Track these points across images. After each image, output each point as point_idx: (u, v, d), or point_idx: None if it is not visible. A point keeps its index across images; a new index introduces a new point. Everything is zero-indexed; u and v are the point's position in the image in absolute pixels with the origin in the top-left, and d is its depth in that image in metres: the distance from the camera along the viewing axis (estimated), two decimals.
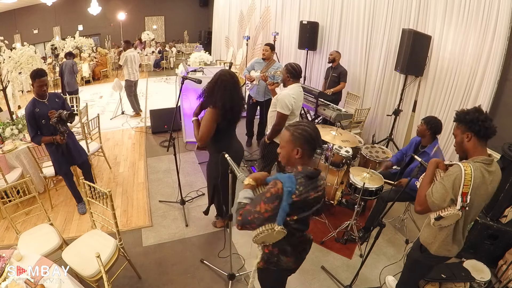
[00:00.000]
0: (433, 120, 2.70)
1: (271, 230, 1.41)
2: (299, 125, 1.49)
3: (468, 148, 1.64)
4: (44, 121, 2.77)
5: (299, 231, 1.58)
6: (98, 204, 2.34)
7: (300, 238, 1.62)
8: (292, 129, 1.47)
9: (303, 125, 1.48)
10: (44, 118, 2.76)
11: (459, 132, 1.66)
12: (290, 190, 1.37)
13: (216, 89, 2.36)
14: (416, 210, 1.72)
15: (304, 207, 1.46)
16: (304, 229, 1.62)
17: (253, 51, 7.77)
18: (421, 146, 2.83)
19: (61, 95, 3.03)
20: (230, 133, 2.61)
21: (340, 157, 3.30)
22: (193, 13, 16.26)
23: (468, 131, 1.61)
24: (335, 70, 4.74)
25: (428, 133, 2.70)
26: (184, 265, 2.71)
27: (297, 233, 1.58)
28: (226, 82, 2.36)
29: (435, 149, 2.66)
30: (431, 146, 2.70)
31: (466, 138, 1.62)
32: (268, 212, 1.39)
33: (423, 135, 2.76)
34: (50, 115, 2.70)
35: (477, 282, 2.36)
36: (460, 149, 1.69)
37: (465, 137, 1.63)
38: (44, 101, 2.79)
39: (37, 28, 13.03)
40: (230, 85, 2.37)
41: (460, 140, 1.66)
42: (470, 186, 1.50)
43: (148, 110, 5.81)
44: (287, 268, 1.66)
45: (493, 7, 3.07)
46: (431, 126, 2.67)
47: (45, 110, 2.75)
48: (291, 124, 1.52)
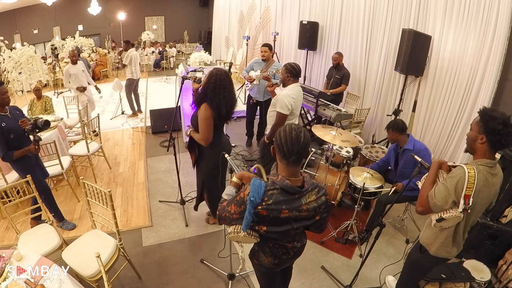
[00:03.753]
0: (394, 124, 2.80)
1: (238, 233, 1.39)
2: (283, 128, 1.37)
3: (477, 148, 1.58)
4: (13, 135, 2.52)
5: (275, 240, 1.51)
6: (98, 204, 2.34)
7: (276, 246, 1.53)
8: (276, 132, 1.38)
9: (283, 129, 1.36)
10: (12, 131, 2.52)
11: (476, 129, 1.56)
12: (253, 200, 1.28)
13: (213, 87, 2.39)
14: (418, 211, 1.70)
15: (273, 221, 1.37)
16: (283, 240, 1.51)
17: (253, 51, 7.77)
18: (399, 148, 2.88)
19: (19, 107, 2.78)
20: (221, 129, 2.67)
21: (340, 157, 3.30)
22: (193, 13, 16.26)
23: (483, 135, 1.52)
24: (338, 72, 4.73)
25: (399, 135, 2.79)
26: (184, 265, 2.71)
27: (272, 241, 1.52)
28: (222, 80, 2.40)
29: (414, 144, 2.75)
30: (409, 142, 2.77)
31: (480, 140, 1.54)
32: (236, 214, 1.38)
33: (396, 140, 2.84)
34: (23, 124, 2.53)
35: (477, 282, 2.36)
36: (470, 145, 1.62)
37: (479, 137, 1.55)
38: (6, 114, 2.55)
39: (37, 28, 13.03)
40: (225, 83, 2.41)
41: (473, 137, 1.58)
42: (473, 189, 1.48)
43: (148, 110, 5.81)
44: (267, 266, 1.63)
45: (493, 7, 3.07)
46: (397, 128, 2.77)
47: (11, 123, 2.52)
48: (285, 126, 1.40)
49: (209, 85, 2.40)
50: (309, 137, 1.36)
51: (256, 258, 1.64)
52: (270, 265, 1.61)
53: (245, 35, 7.46)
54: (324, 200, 1.44)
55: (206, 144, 2.51)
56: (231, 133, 5.19)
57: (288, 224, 1.39)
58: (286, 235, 1.49)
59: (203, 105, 2.42)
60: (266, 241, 1.52)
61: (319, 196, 1.42)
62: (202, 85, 2.50)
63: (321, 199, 1.43)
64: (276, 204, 1.32)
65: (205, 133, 2.45)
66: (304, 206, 1.37)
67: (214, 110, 2.41)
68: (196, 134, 2.53)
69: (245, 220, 1.31)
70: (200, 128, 2.46)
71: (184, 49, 15.12)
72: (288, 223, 1.39)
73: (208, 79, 2.43)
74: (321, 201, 1.43)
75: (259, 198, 1.29)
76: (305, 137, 1.33)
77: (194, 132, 2.57)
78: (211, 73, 2.44)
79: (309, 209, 1.39)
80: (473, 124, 1.60)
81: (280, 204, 1.33)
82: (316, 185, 1.43)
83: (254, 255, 1.65)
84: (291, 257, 1.61)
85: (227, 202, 1.45)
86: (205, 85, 2.44)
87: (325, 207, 1.47)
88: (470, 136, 1.60)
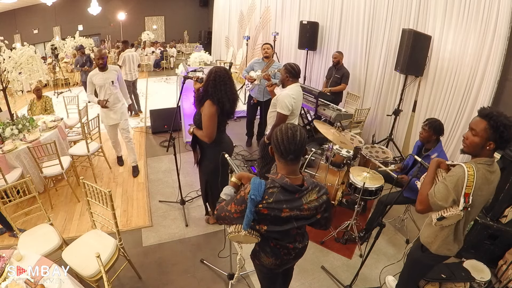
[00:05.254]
0: (436, 124, 2.59)
1: (238, 233, 1.40)
2: (280, 127, 1.38)
3: (483, 153, 1.56)
4: None
5: (276, 240, 1.51)
6: (98, 204, 2.34)
7: (277, 246, 1.53)
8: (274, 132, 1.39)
9: (279, 129, 1.36)
10: None
11: (484, 136, 1.51)
12: (253, 199, 1.28)
13: (213, 84, 2.40)
14: (417, 210, 1.71)
15: (274, 220, 1.37)
16: (284, 241, 1.51)
17: (253, 51, 7.77)
18: (424, 150, 2.75)
19: None
20: (224, 127, 2.67)
21: (341, 157, 3.30)
22: (193, 13, 16.27)
23: (493, 141, 1.50)
24: (338, 71, 4.73)
25: (434, 138, 2.61)
26: (184, 265, 2.71)
27: (273, 241, 1.52)
28: (222, 77, 2.41)
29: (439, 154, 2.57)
30: (435, 149, 2.62)
31: (487, 146, 1.52)
32: (237, 213, 1.38)
33: (428, 140, 2.65)
34: None
35: (477, 282, 2.36)
36: (474, 149, 1.58)
37: (487, 144, 1.53)
38: None
39: (37, 28, 13.04)
40: (226, 79, 2.43)
41: (480, 144, 1.53)
42: (472, 187, 1.50)
43: (148, 110, 5.82)
44: (268, 266, 1.63)
45: (493, 7, 3.07)
46: (436, 130, 2.57)
47: None
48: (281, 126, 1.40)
49: (209, 82, 2.42)
50: (306, 135, 1.37)
51: (258, 258, 1.64)
52: (271, 265, 1.60)
53: (245, 35, 7.46)
54: (325, 199, 1.45)
55: (209, 141, 2.51)
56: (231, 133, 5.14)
57: (289, 223, 1.39)
58: (287, 235, 1.49)
59: (206, 102, 2.43)
60: (267, 241, 1.52)
61: (320, 195, 1.42)
62: (203, 84, 2.51)
63: (322, 198, 1.43)
64: (277, 203, 1.32)
65: (209, 129, 2.45)
66: (305, 206, 1.38)
67: (218, 105, 2.42)
68: (199, 131, 2.53)
69: (246, 218, 1.31)
70: (204, 124, 2.46)
71: (184, 49, 15.13)
72: (289, 222, 1.39)
73: (208, 77, 2.44)
74: (322, 200, 1.43)
75: (260, 196, 1.29)
76: (301, 135, 1.33)
77: (197, 129, 2.57)
78: (210, 71, 2.46)
79: (310, 208, 1.39)
80: (479, 130, 1.52)
81: (280, 203, 1.33)
82: (316, 184, 1.43)
83: (256, 255, 1.65)
84: (292, 258, 1.61)
85: (226, 201, 1.44)
86: (206, 83, 2.45)
87: (326, 206, 1.47)
88: (475, 141, 1.54)
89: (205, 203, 3.12)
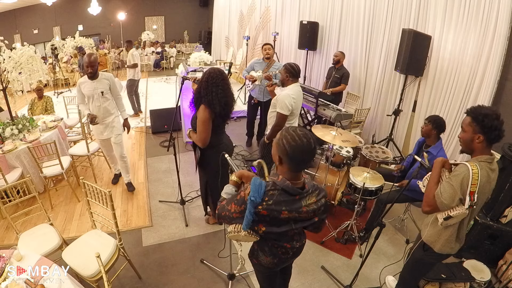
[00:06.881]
0: (438, 119, 2.66)
1: (238, 233, 1.39)
2: (288, 132, 1.31)
3: (476, 148, 1.62)
4: None
5: (274, 241, 1.52)
6: (98, 204, 2.34)
7: (275, 246, 1.54)
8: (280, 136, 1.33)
9: (292, 138, 1.28)
10: None
11: (470, 130, 1.60)
12: (253, 200, 1.27)
13: (205, 86, 2.37)
14: (425, 211, 1.72)
15: (272, 222, 1.37)
16: (282, 241, 1.52)
17: (253, 51, 7.77)
18: (425, 146, 2.79)
19: None
20: (222, 129, 2.65)
21: (341, 157, 3.30)
22: (193, 13, 16.25)
23: (480, 134, 1.57)
24: (338, 71, 4.73)
25: (434, 133, 2.66)
26: (184, 265, 2.71)
27: (271, 241, 1.52)
28: (216, 79, 2.37)
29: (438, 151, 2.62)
30: (435, 146, 2.66)
31: (477, 139, 1.59)
32: (236, 213, 1.37)
33: (428, 135, 2.70)
34: None
35: (477, 282, 2.37)
36: (467, 146, 1.66)
37: (476, 137, 1.59)
38: None
39: (37, 28, 13.03)
40: (220, 81, 2.38)
41: (469, 138, 1.62)
42: (477, 185, 1.53)
43: (148, 110, 5.81)
44: (266, 265, 1.63)
45: (493, 7, 3.07)
46: (436, 125, 2.63)
47: None
48: (286, 128, 1.37)
49: (202, 84, 2.38)
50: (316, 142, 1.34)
51: (256, 257, 1.64)
52: (269, 264, 1.61)
53: (245, 35, 7.46)
54: (323, 202, 1.45)
55: (203, 146, 2.50)
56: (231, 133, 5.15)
57: (287, 224, 1.40)
58: (285, 236, 1.49)
59: (201, 107, 2.41)
60: (265, 241, 1.52)
61: (319, 198, 1.42)
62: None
63: (321, 201, 1.43)
64: (276, 204, 1.32)
65: (202, 135, 2.43)
66: (304, 208, 1.38)
67: (213, 110, 2.39)
68: (194, 135, 2.53)
69: (246, 219, 1.31)
70: (197, 129, 2.45)
71: (184, 49, 15.12)
72: (287, 224, 1.39)
73: (201, 78, 2.42)
74: (321, 203, 1.43)
75: (260, 198, 1.28)
76: (314, 144, 1.30)
77: (193, 132, 2.57)
78: (205, 72, 2.43)
79: (309, 211, 1.39)
80: (465, 126, 1.64)
81: (280, 205, 1.33)
82: (316, 187, 1.43)
83: (254, 254, 1.65)
84: (290, 256, 1.61)
85: (227, 201, 1.44)
86: (199, 85, 2.41)
87: (324, 208, 1.47)
88: (465, 137, 1.64)
89: (204, 204, 3.12)
